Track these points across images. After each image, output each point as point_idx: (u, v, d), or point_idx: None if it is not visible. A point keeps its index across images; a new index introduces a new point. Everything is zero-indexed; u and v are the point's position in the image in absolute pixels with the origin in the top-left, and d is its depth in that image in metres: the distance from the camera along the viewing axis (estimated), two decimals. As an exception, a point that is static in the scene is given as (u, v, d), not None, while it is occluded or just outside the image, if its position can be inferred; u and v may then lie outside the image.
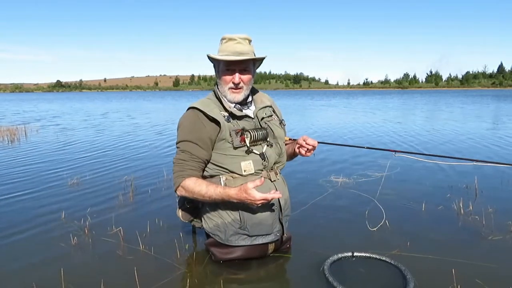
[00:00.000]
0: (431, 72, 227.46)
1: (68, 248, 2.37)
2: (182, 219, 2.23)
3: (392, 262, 2.08)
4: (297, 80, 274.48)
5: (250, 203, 1.85)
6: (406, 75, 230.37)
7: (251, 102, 2.14)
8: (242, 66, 1.97)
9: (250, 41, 2.00)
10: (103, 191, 3.70)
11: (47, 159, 5.52)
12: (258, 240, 2.04)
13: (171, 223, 2.72)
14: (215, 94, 2.07)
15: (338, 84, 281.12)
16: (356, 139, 7.55)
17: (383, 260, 2.12)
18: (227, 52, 1.93)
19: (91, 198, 3.45)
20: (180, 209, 2.22)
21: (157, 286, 1.90)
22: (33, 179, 4.22)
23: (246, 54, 1.94)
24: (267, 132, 2.04)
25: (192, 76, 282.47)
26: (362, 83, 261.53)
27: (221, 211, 2.02)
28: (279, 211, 2.08)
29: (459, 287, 1.84)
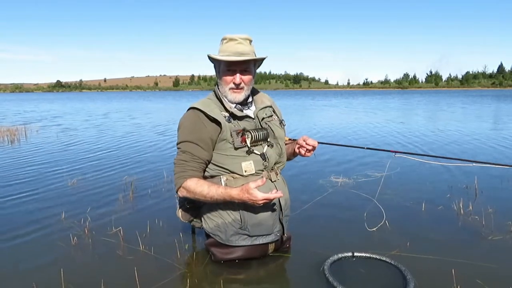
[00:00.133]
0: (431, 72, 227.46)
1: (68, 248, 2.37)
2: (182, 219, 2.23)
3: (392, 262, 2.08)
4: (297, 80, 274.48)
5: (252, 203, 1.85)
6: (406, 75, 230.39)
7: (252, 103, 2.14)
8: (243, 66, 1.97)
9: (250, 41, 2.00)
10: (103, 191, 3.70)
11: (47, 159, 5.52)
12: (259, 240, 2.04)
13: (171, 223, 2.72)
14: (215, 94, 2.07)
15: (338, 84, 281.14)
16: (360, 139, 7.51)
17: (383, 260, 2.12)
18: (228, 52, 1.93)
19: (91, 198, 3.45)
20: (180, 209, 2.22)
21: (157, 286, 1.90)
22: (33, 179, 4.22)
23: (247, 54, 1.94)
24: (267, 133, 2.04)
25: (192, 76, 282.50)
26: (362, 83, 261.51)
27: (221, 211, 2.02)
28: (279, 211, 2.08)
29: (459, 287, 1.84)
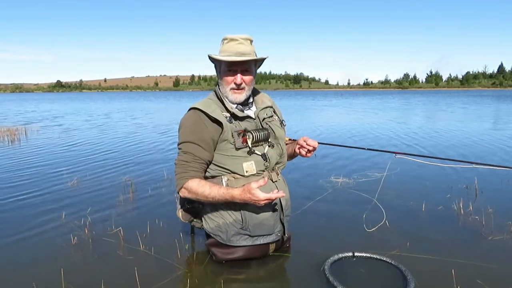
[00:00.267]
0: (431, 72, 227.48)
1: (68, 248, 2.37)
2: (182, 220, 2.23)
3: (393, 263, 2.08)
4: (297, 80, 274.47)
5: (254, 203, 1.85)
6: (406, 75, 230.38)
7: (252, 103, 2.14)
8: (244, 66, 1.97)
9: (251, 41, 2.00)
10: (104, 191, 3.70)
11: (47, 159, 5.52)
12: (260, 240, 2.04)
13: (171, 223, 2.73)
14: (216, 95, 2.06)
15: (338, 84, 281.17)
16: (361, 139, 7.49)
17: (384, 260, 2.12)
18: (229, 52, 1.93)
19: (91, 198, 3.45)
20: (180, 209, 2.22)
21: (157, 286, 1.90)
22: (33, 179, 4.22)
23: (248, 54, 1.94)
24: (268, 133, 2.04)
25: (192, 76, 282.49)
26: (362, 83, 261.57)
27: (222, 212, 2.01)
28: (280, 211, 2.08)
29: (459, 287, 1.84)
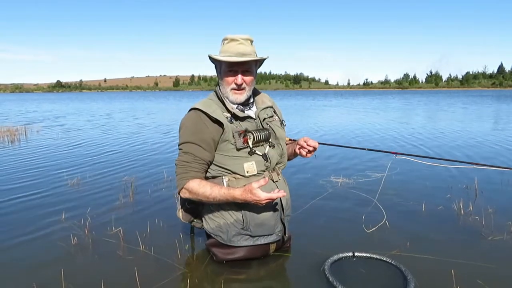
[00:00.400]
0: (431, 72, 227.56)
1: (68, 248, 2.37)
2: (183, 220, 2.23)
3: (393, 263, 2.08)
4: (297, 80, 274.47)
5: (255, 203, 1.85)
6: (406, 76, 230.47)
7: (253, 103, 2.14)
8: (245, 67, 1.97)
9: (252, 41, 2.00)
10: (104, 191, 3.70)
11: (47, 159, 5.52)
12: (260, 240, 2.04)
13: (171, 224, 2.72)
14: (216, 95, 2.06)
15: (338, 84, 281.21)
16: (361, 139, 7.47)
17: (384, 260, 2.12)
18: (229, 53, 1.92)
19: (91, 198, 3.45)
20: (180, 210, 2.22)
21: (157, 286, 1.90)
22: (33, 179, 4.22)
23: (249, 55, 1.94)
24: (269, 133, 2.04)
25: (192, 77, 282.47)
26: (362, 83, 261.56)
27: (223, 212, 2.01)
28: (281, 211, 2.08)
29: (459, 287, 1.84)
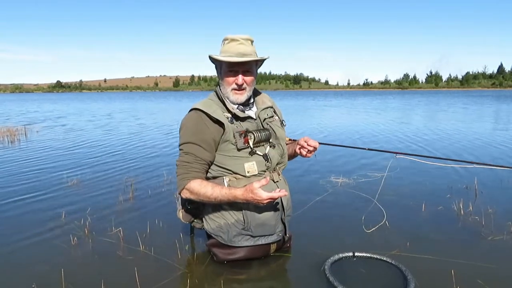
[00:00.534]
0: (431, 72, 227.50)
1: (68, 248, 2.37)
2: (183, 220, 2.23)
3: (393, 262, 2.08)
4: (297, 80, 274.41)
5: (256, 203, 1.85)
6: (406, 76, 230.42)
7: (253, 103, 2.14)
8: (245, 67, 1.97)
9: (252, 41, 2.00)
10: (103, 191, 3.70)
11: (47, 159, 5.52)
12: (261, 241, 2.04)
13: (171, 224, 2.72)
14: (217, 95, 2.06)
15: (338, 84, 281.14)
16: (362, 140, 7.46)
17: (384, 260, 2.12)
18: (230, 53, 1.92)
19: (91, 198, 3.45)
20: (180, 210, 2.21)
21: (157, 287, 1.90)
22: (33, 179, 4.22)
23: (249, 55, 1.94)
24: (269, 133, 2.04)
25: (192, 77, 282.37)
26: (362, 83, 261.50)
27: (224, 212, 2.01)
28: (281, 211, 2.09)
29: (459, 287, 1.84)
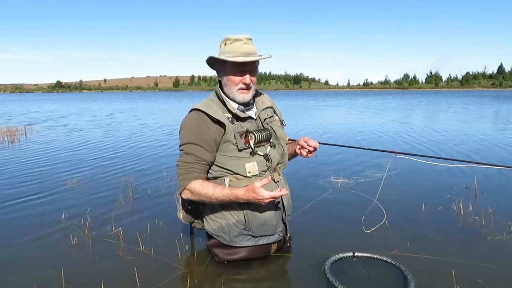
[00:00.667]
0: (431, 72, 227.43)
1: (68, 248, 2.37)
2: (183, 221, 2.23)
3: (393, 262, 2.08)
4: (297, 80, 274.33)
5: (258, 202, 1.85)
6: (406, 76, 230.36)
7: (253, 103, 2.14)
8: (251, 66, 1.97)
9: (251, 40, 2.00)
10: (103, 191, 3.70)
11: (47, 159, 5.52)
12: (262, 241, 2.05)
13: (171, 224, 2.72)
14: (217, 96, 2.05)
15: (338, 84, 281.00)
16: (362, 140, 7.44)
17: (384, 260, 2.12)
18: (236, 53, 1.91)
19: (91, 198, 3.45)
20: (181, 211, 2.21)
21: (157, 287, 1.90)
22: (33, 179, 4.22)
23: (254, 54, 1.95)
24: (270, 133, 2.04)
25: (192, 77, 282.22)
26: (362, 83, 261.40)
27: (225, 212, 2.01)
28: (282, 211, 2.09)
29: (459, 287, 1.84)
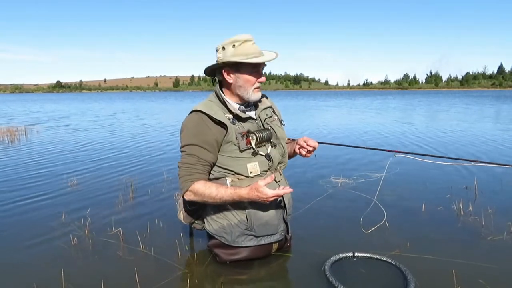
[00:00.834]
0: (431, 72, 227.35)
1: (68, 249, 2.37)
2: (184, 222, 2.23)
3: (393, 263, 2.08)
4: (297, 80, 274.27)
5: (262, 201, 1.86)
6: (406, 76, 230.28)
7: (253, 104, 2.13)
8: (263, 65, 2.01)
9: None
10: (103, 191, 3.70)
11: (47, 159, 5.52)
12: (264, 240, 2.05)
13: (171, 224, 2.72)
14: (217, 96, 2.04)
15: (338, 84, 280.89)
16: (363, 140, 7.45)
17: (384, 261, 2.12)
18: (252, 54, 1.92)
19: (91, 198, 3.45)
20: (181, 211, 2.21)
21: (157, 287, 1.90)
22: (33, 179, 4.22)
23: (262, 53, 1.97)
24: (271, 133, 2.05)
25: (192, 77, 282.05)
26: (362, 83, 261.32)
27: (226, 212, 2.01)
28: (284, 210, 2.09)
29: (459, 287, 1.84)
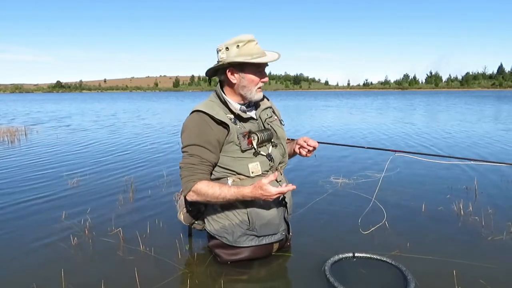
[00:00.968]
0: (431, 72, 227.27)
1: (68, 248, 2.37)
2: (184, 222, 2.23)
3: (393, 263, 2.08)
4: (297, 81, 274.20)
5: (265, 199, 1.86)
6: (406, 76, 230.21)
7: (254, 104, 2.14)
8: (266, 65, 2.01)
9: None
10: (104, 191, 3.70)
11: (47, 159, 5.52)
12: (265, 240, 2.05)
13: (171, 224, 2.72)
14: (218, 97, 2.04)
15: (338, 85, 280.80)
16: (363, 140, 7.45)
17: (384, 261, 2.12)
18: (257, 54, 1.92)
19: (91, 198, 3.45)
20: (182, 212, 2.21)
21: (157, 287, 1.90)
22: (33, 179, 4.22)
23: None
24: (271, 133, 2.05)
25: (192, 77, 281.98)
26: (362, 84, 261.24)
27: (228, 213, 2.01)
28: (285, 209, 2.10)
29: (460, 287, 1.84)
